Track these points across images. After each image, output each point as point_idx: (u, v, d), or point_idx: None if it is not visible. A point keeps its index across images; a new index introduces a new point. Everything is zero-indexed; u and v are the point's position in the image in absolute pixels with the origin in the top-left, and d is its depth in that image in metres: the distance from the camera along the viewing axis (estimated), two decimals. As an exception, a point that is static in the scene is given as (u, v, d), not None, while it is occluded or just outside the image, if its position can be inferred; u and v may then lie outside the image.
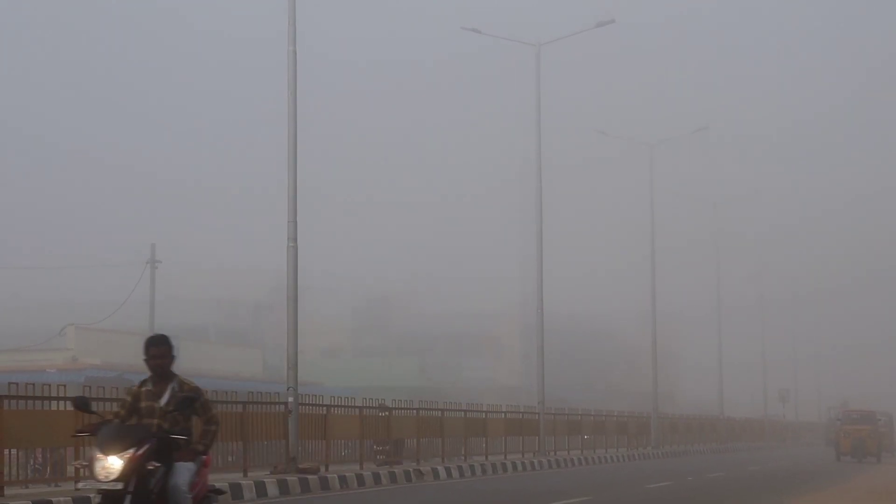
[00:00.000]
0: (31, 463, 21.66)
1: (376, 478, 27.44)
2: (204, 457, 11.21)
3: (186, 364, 62.26)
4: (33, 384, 20.15)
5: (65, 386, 20.86)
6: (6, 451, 18.96)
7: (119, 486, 10.37)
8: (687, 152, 78.95)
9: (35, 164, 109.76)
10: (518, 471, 35.50)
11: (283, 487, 23.77)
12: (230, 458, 25.12)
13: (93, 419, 11.40)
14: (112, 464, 10.41)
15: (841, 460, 49.72)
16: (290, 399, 26.37)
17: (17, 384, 19.57)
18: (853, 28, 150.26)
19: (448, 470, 31.06)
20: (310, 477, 25.04)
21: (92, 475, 10.53)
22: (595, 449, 47.06)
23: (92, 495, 18.97)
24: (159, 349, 11.25)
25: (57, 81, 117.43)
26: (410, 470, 29.42)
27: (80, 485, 18.20)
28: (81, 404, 11.33)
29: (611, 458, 45.28)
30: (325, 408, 28.63)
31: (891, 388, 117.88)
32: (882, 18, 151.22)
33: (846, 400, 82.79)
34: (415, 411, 33.37)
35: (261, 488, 23.04)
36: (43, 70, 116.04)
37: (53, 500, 18.16)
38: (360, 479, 26.78)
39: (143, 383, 11.30)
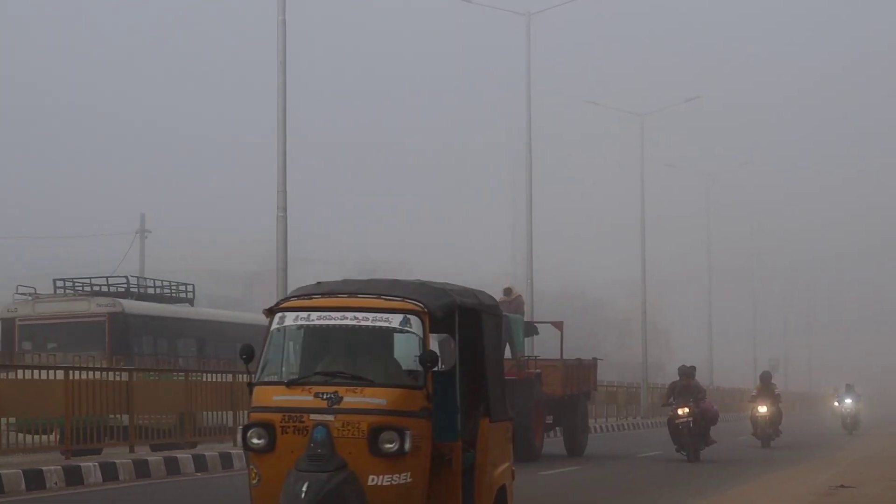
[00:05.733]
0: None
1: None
2: None
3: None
4: (24, 354, 20.14)
5: (55, 356, 20.84)
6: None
7: None
8: (678, 122, 78.91)
9: (22, 127, 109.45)
10: (508, 440, 35.44)
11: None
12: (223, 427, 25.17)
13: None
14: None
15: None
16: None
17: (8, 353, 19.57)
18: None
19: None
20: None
21: None
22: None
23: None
24: None
25: (53, 39, 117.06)
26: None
27: None
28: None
29: (601, 428, 45.35)
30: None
31: (884, 359, 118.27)
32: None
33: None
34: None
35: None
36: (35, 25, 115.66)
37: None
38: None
39: None
